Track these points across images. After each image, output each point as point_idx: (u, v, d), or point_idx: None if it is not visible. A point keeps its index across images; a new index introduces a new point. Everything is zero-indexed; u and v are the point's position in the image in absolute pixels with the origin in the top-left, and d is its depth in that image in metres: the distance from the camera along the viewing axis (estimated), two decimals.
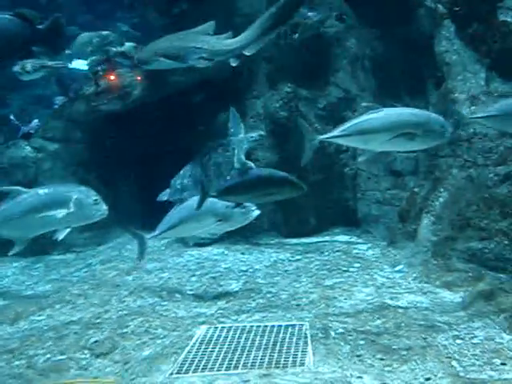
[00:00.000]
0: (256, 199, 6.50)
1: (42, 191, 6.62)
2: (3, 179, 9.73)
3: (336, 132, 6.08)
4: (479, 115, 6.47)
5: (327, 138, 6.17)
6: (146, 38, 9.47)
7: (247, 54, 7.15)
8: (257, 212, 6.79)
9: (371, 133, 5.92)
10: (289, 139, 9.22)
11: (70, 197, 6.46)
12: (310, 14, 9.60)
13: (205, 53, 7.13)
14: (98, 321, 6.18)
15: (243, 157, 8.46)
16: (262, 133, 8.70)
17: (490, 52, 7.49)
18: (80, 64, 11.01)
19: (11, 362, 5.33)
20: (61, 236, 6.67)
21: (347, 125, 6.04)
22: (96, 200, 6.56)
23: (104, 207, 6.61)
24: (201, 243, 8.95)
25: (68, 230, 6.67)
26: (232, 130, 8.72)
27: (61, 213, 6.40)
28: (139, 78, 9.65)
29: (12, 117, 11.74)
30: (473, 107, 7.41)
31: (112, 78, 9.89)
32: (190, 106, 9.88)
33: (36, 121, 11.19)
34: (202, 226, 6.63)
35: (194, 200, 6.55)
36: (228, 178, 8.56)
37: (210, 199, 6.34)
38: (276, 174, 6.39)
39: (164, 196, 8.94)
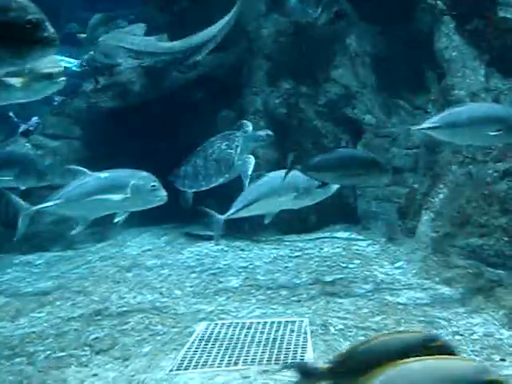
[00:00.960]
0: (343, 179, 6.44)
1: (103, 175, 6.76)
2: None
3: (427, 124, 6.08)
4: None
5: (419, 129, 6.14)
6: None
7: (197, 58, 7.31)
8: (335, 187, 6.74)
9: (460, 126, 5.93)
10: (288, 136, 9.22)
11: (128, 182, 6.54)
12: (310, 10, 9.59)
13: (131, 52, 7.17)
14: (98, 317, 6.19)
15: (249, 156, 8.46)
16: (270, 132, 8.68)
17: (490, 48, 7.49)
18: (68, 62, 11.05)
19: (11, 358, 5.34)
20: (119, 220, 6.81)
21: (436, 118, 6.05)
22: (154, 186, 6.62)
23: (163, 193, 6.68)
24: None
25: (126, 214, 6.81)
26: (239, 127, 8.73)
27: (118, 197, 6.49)
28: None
29: (11, 114, 11.74)
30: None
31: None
32: (189, 103, 9.89)
33: (35, 118, 11.19)
34: (281, 201, 6.58)
35: (271, 176, 6.61)
36: (226, 175, 8.56)
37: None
38: (365, 155, 6.34)
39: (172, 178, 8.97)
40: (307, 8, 9.58)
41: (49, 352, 5.39)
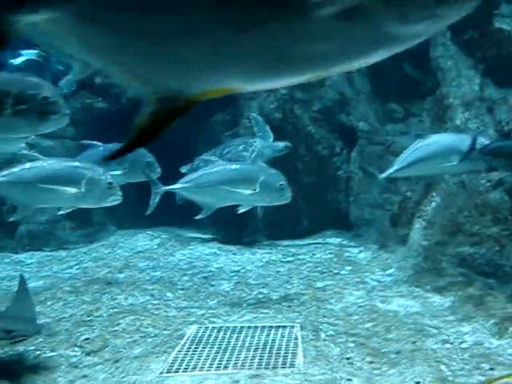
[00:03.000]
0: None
1: (233, 166, 6.94)
2: None
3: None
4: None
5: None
6: None
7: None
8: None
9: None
10: (283, 141, 9.22)
11: (257, 177, 6.62)
12: None
13: None
14: (89, 318, 6.18)
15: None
16: (289, 144, 8.68)
17: (485, 58, 7.54)
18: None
19: (1, 358, 5.33)
20: (241, 211, 6.94)
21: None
22: (282, 185, 6.71)
23: (289, 194, 6.81)
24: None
25: (249, 206, 6.97)
26: (260, 135, 8.69)
27: (246, 191, 6.60)
28: None
29: None
30: (467, 113, 7.46)
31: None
32: None
33: None
34: (444, 165, 6.43)
35: (436, 137, 6.55)
36: None
37: (454, 137, 6.35)
38: None
39: (184, 169, 8.91)
40: None
41: (39, 352, 5.39)
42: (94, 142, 7.27)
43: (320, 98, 9.67)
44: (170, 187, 6.98)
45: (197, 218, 7.05)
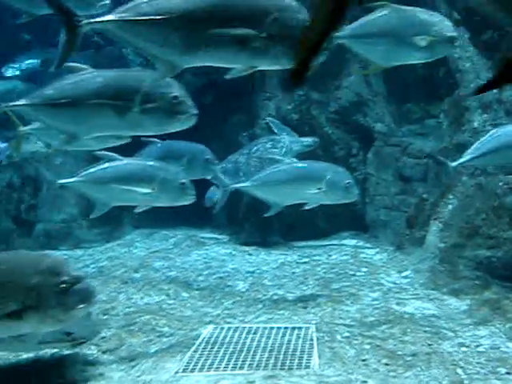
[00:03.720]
0: None
1: (300, 164, 7.00)
2: (14, 173, 9.81)
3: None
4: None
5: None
6: None
7: None
8: None
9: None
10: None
11: (324, 175, 6.67)
12: None
13: None
14: (105, 317, 6.22)
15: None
16: (317, 139, 8.69)
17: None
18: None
19: (19, 355, 5.37)
20: (308, 207, 7.04)
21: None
22: (348, 183, 6.75)
23: (356, 192, 6.91)
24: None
25: (316, 204, 7.01)
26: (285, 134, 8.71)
27: (312, 189, 6.66)
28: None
29: None
30: (484, 115, 7.42)
31: None
32: (200, 107, 9.90)
33: None
34: None
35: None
36: None
37: None
38: None
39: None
40: None
41: (55, 350, 5.42)
42: (153, 139, 7.27)
43: (337, 98, 9.64)
44: (239, 185, 7.00)
45: (266, 215, 7.10)
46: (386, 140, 9.23)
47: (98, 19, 4.09)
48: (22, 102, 4.81)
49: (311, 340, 5.42)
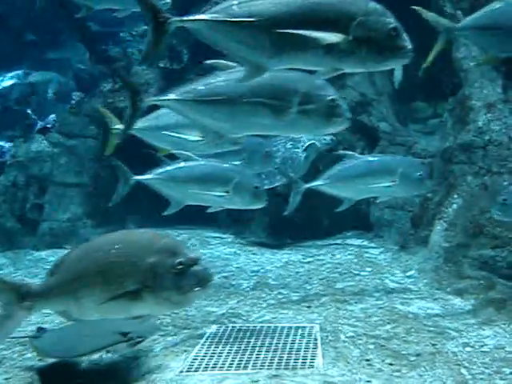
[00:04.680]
0: None
1: (372, 159, 7.03)
2: (19, 173, 9.84)
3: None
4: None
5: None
6: None
7: None
8: None
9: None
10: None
11: (396, 169, 6.64)
12: None
13: None
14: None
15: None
16: (334, 138, 8.67)
17: (508, 60, 7.46)
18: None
19: (23, 354, 5.39)
20: (379, 201, 7.24)
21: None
22: (421, 175, 6.70)
23: (429, 184, 6.85)
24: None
25: (388, 198, 7.13)
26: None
27: (385, 182, 6.64)
28: None
29: (29, 111, 11.85)
30: (489, 115, 7.40)
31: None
32: None
33: (53, 116, 11.29)
34: None
35: None
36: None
37: None
38: None
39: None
40: None
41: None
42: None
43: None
44: (312, 184, 6.93)
45: (337, 210, 7.03)
46: (391, 139, 9.22)
47: (189, 17, 4.10)
48: (171, 96, 4.73)
49: (315, 339, 5.42)
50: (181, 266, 3.60)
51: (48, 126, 10.70)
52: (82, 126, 10.14)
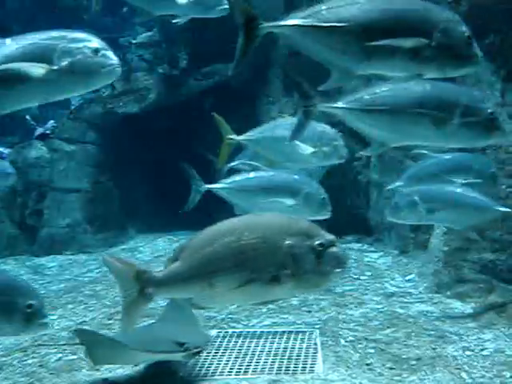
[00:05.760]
0: None
1: (447, 156, 6.70)
2: (18, 179, 9.83)
3: None
4: None
5: None
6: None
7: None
8: None
9: None
10: None
11: (471, 165, 6.44)
12: None
13: None
14: (109, 322, 6.23)
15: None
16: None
17: (507, 63, 7.48)
18: None
19: (23, 360, 5.39)
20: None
21: None
22: (494, 172, 6.53)
23: (497, 182, 6.65)
24: None
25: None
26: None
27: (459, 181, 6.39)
28: None
29: (28, 117, 11.83)
30: None
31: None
32: (203, 111, 9.94)
33: (52, 121, 11.28)
34: None
35: None
36: None
37: None
38: None
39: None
40: None
41: (60, 355, 5.43)
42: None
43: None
44: (394, 185, 6.80)
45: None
46: None
47: (280, 22, 4.06)
48: (339, 104, 4.86)
49: (315, 344, 5.43)
50: (321, 248, 3.57)
51: (47, 131, 10.70)
52: (81, 132, 10.15)
